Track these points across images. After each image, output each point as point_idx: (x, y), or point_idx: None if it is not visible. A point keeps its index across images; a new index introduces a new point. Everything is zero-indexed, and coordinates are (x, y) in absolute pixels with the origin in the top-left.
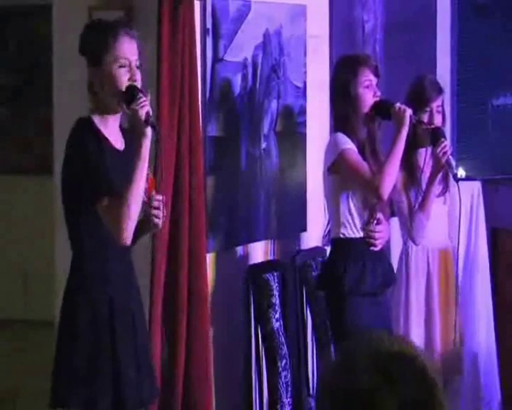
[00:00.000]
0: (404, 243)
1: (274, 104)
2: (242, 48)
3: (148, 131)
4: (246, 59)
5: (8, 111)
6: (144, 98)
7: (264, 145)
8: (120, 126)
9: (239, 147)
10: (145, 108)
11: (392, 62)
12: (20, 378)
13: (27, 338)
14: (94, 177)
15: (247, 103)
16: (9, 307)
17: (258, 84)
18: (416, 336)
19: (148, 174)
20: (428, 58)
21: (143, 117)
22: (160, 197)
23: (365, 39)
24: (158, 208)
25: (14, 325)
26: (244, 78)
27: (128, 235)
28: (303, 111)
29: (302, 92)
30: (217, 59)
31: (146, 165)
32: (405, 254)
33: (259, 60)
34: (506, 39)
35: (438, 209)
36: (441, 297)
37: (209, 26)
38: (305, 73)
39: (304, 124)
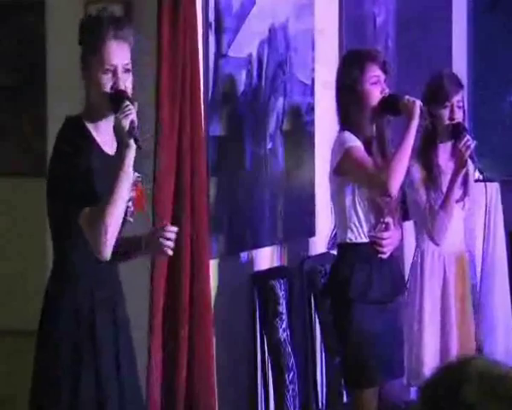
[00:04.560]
0: (418, 247)
1: (280, 102)
2: (247, 43)
3: (133, 144)
4: (250, 55)
5: (8, 112)
6: (130, 107)
7: (269, 145)
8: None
9: (243, 147)
10: (129, 117)
11: (405, 58)
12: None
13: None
14: (77, 186)
15: (252, 101)
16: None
17: (263, 82)
18: (431, 345)
19: (137, 183)
20: (444, 54)
21: (127, 127)
22: (174, 229)
23: (376, 34)
24: (170, 239)
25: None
26: (249, 74)
27: (107, 249)
28: (311, 109)
29: (310, 89)
30: (220, 55)
31: (129, 177)
32: (420, 258)
33: (265, 56)
34: None
35: (456, 214)
36: (458, 304)
37: (212, 20)
38: (313, 69)
39: (312, 123)
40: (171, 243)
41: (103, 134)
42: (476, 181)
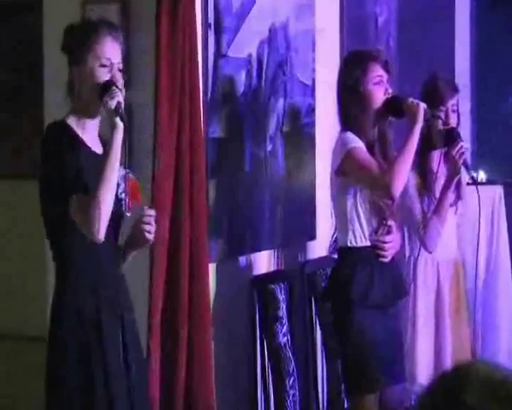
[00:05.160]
0: (411, 253)
1: (280, 103)
2: (247, 43)
3: (119, 122)
4: (250, 55)
5: (8, 112)
6: (117, 90)
7: (269, 147)
8: (99, 136)
9: (243, 149)
10: (116, 98)
11: (407, 58)
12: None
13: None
14: (64, 175)
15: (252, 102)
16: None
17: (263, 82)
18: (425, 350)
19: (128, 175)
20: (446, 54)
21: (113, 106)
22: (151, 212)
23: (378, 34)
24: (149, 223)
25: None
26: (248, 75)
27: (100, 230)
28: (311, 110)
29: (310, 90)
30: (219, 55)
31: (117, 158)
32: (413, 264)
33: (265, 56)
34: None
35: (449, 219)
36: (452, 312)
37: (211, 20)
38: (314, 70)
39: (312, 124)
40: (150, 227)
41: (90, 134)
42: (479, 184)
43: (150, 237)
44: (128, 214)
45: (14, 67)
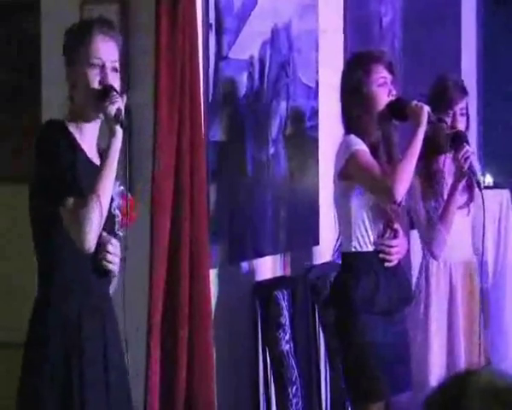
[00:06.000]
0: (424, 257)
1: (283, 106)
2: (248, 44)
3: (119, 129)
4: (252, 56)
5: (8, 112)
6: (117, 96)
7: (272, 150)
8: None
9: (244, 153)
10: (116, 104)
11: (412, 59)
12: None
13: None
14: (59, 176)
15: (254, 105)
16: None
17: (265, 84)
18: (437, 358)
19: (125, 193)
20: (452, 54)
21: (113, 112)
22: (115, 242)
23: (383, 34)
24: (113, 254)
25: None
26: (250, 77)
27: (91, 240)
28: (315, 113)
29: (314, 93)
30: (220, 57)
31: (114, 164)
32: (425, 268)
33: (267, 57)
34: None
35: (461, 221)
36: (465, 316)
37: (212, 20)
38: (317, 71)
39: (316, 127)
40: (113, 258)
41: (89, 142)
42: (486, 188)
43: (111, 267)
44: (120, 233)
45: (14, 67)
